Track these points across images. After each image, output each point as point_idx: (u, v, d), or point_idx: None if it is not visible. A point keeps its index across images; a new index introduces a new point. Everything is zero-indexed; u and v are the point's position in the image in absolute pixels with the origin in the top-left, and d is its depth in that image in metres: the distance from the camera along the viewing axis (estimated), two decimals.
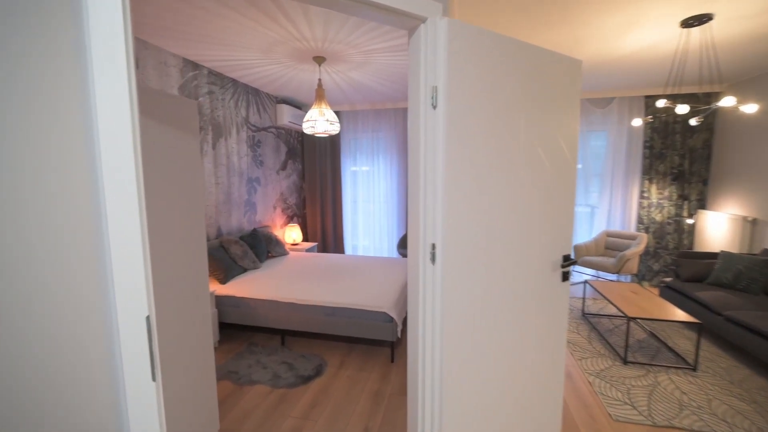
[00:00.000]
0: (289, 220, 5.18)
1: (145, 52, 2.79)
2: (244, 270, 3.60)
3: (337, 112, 5.34)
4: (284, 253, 4.31)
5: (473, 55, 1.40)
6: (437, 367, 1.48)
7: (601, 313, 3.71)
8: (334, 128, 3.36)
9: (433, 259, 1.44)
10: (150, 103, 1.54)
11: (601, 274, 4.87)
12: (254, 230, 4.08)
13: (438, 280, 1.44)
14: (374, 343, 3.10)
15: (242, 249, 3.64)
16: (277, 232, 4.84)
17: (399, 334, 2.76)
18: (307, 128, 3.30)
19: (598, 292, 3.27)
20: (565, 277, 1.78)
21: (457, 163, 1.44)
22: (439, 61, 1.35)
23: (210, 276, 3.30)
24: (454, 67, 1.36)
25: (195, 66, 3.32)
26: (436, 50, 1.36)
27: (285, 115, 4.69)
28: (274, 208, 4.76)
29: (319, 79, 3.23)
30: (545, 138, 1.63)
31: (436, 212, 1.44)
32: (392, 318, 2.73)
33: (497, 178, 1.53)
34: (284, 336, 3.12)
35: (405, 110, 5.15)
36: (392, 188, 5.35)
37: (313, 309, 2.87)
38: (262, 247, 3.99)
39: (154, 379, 0.77)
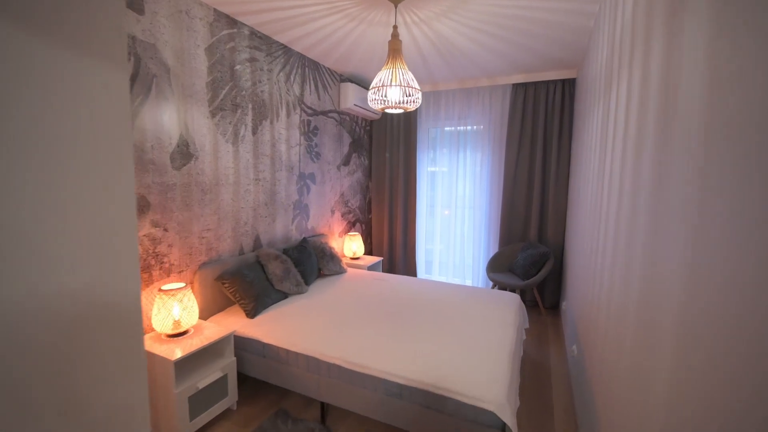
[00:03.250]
0: (350, 227, 4.23)
1: None
2: (284, 296, 2.69)
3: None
4: (340, 271, 3.34)
5: None
6: None
7: None
8: (414, 100, 2.27)
9: None
10: None
11: None
12: (304, 241, 3.18)
13: None
14: None
15: (284, 267, 2.73)
16: (335, 243, 3.91)
17: None
18: (375, 101, 2.25)
19: None
20: None
21: None
22: None
23: (237, 304, 2.42)
24: None
25: (232, 22, 2.49)
26: None
27: (350, 97, 3.73)
28: (332, 212, 3.84)
29: (395, 26, 2.16)
30: None
31: None
32: (503, 424, 1.54)
33: None
34: (326, 408, 2.11)
35: (505, 88, 3.87)
36: (482, 192, 4.09)
37: (369, 380, 1.81)
38: (311, 263, 3.07)
39: None
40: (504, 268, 3.81)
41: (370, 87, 2.24)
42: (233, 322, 2.31)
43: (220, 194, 2.48)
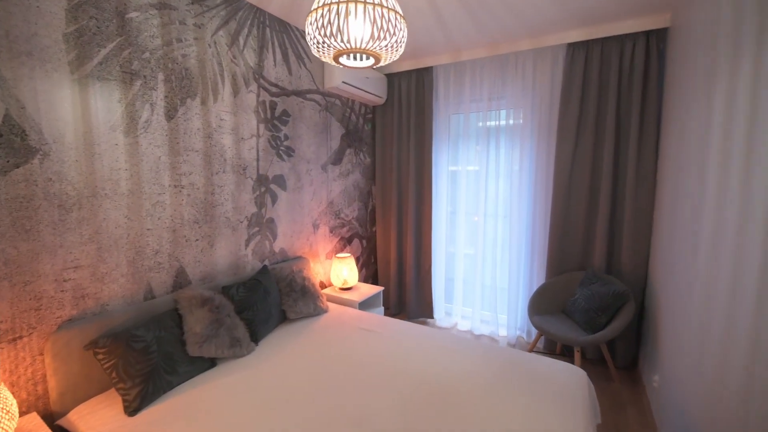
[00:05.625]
0: (345, 245, 3.25)
1: None
2: (210, 365, 1.77)
3: (425, 70, 3.20)
4: (315, 312, 2.38)
5: None
6: None
7: None
8: (394, 43, 1.24)
9: None
10: None
11: None
12: (262, 270, 2.25)
13: None
14: None
15: (213, 317, 1.81)
16: (320, 268, 2.95)
17: None
18: (316, 41, 1.24)
19: None
20: None
21: None
22: None
23: (116, 388, 1.51)
24: None
25: None
26: None
27: (338, 72, 2.76)
28: (315, 226, 2.88)
29: None
30: None
31: None
32: None
33: None
34: None
35: (556, 52, 2.72)
36: (523, 199, 2.96)
37: None
38: (267, 304, 2.13)
39: None
40: (554, 308, 2.66)
41: (311, 9, 1.25)
42: (101, 421, 1.41)
43: (100, 211, 1.60)
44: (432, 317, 3.39)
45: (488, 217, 3.14)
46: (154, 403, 1.51)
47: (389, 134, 3.49)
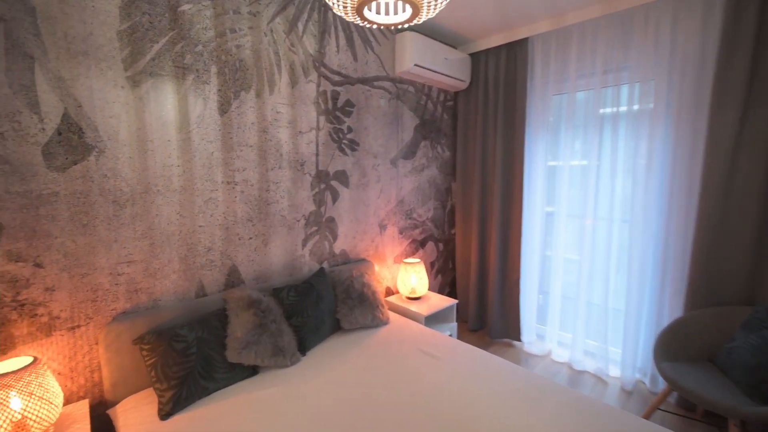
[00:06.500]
0: (417, 248, 2.94)
1: None
2: (250, 373, 1.66)
3: (518, 44, 2.65)
4: (373, 323, 2.13)
5: None
6: None
7: None
8: None
9: None
10: None
11: None
12: (319, 273, 2.10)
13: None
14: None
15: (257, 322, 1.70)
16: (387, 272, 2.70)
17: None
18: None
19: None
20: None
21: None
22: None
23: (153, 387, 1.49)
24: None
25: None
26: None
27: (410, 54, 2.45)
28: (382, 227, 2.64)
29: None
30: None
31: None
32: None
33: None
34: None
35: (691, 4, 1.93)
36: (651, 202, 2.22)
37: None
38: (320, 311, 1.96)
39: None
40: (697, 353, 1.91)
41: None
42: (139, 420, 1.39)
43: (153, 207, 1.61)
44: (519, 339, 2.84)
45: (599, 221, 2.46)
46: (186, 410, 1.44)
47: (473, 123, 3.04)
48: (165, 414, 1.40)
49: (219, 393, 1.54)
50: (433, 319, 2.57)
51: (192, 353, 1.52)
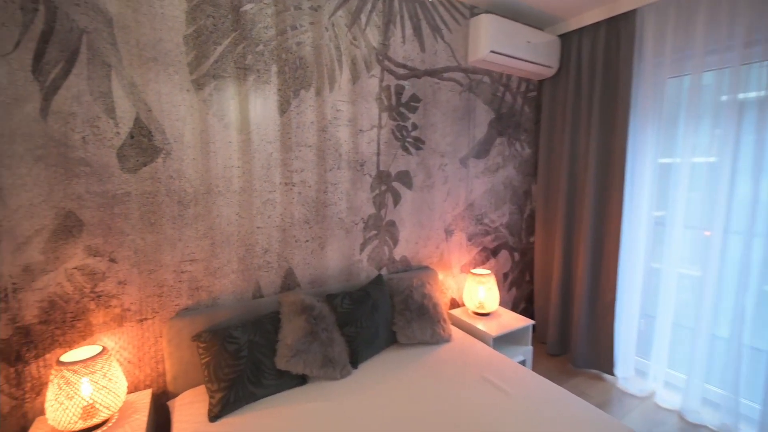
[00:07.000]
0: (489, 257, 2.64)
1: None
2: (299, 382, 1.60)
3: (622, 18, 2.18)
4: (433, 340, 1.93)
5: None
6: None
7: None
8: None
9: None
10: None
11: None
12: (376, 280, 1.98)
13: None
14: None
15: (308, 328, 1.64)
16: (451, 282, 2.47)
17: None
18: None
19: None
20: None
21: None
22: None
23: (205, 386, 1.50)
24: None
25: None
26: None
27: (485, 39, 2.18)
28: (449, 233, 2.41)
29: None
30: None
31: None
32: None
33: None
34: None
35: None
36: None
37: None
38: (377, 319, 1.83)
39: None
40: None
41: None
42: (192, 417, 1.41)
43: (214, 208, 1.63)
44: (611, 373, 2.37)
45: (730, 234, 1.91)
46: (234, 413, 1.43)
47: (560, 116, 2.62)
48: (214, 416, 1.40)
49: (266, 400, 1.51)
50: (503, 340, 2.27)
51: (243, 356, 1.51)
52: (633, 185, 2.29)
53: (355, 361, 1.74)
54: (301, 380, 1.61)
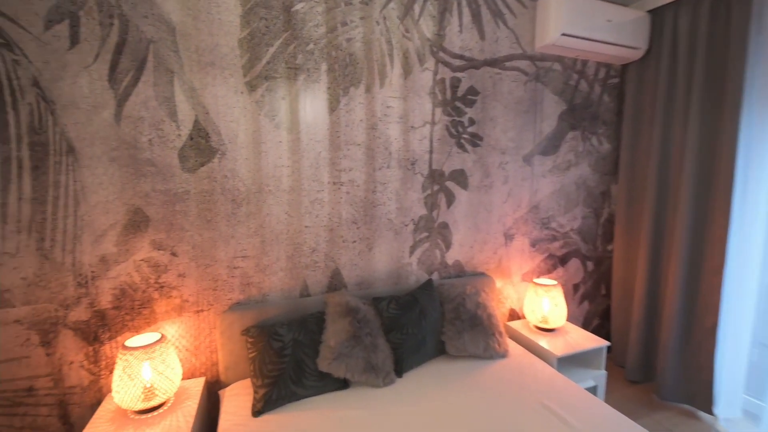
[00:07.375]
0: (556, 265, 2.36)
1: None
2: (341, 385, 1.57)
3: None
4: (486, 355, 1.77)
5: None
6: None
7: None
8: None
9: None
10: None
11: None
12: (426, 285, 1.87)
13: None
14: None
15: (351, 332, 1.60)
16: (510, 292, 2.25)
17: None
18: None
19: None
20: None
21: None
22: None
23: (251, 380, 1.54)
24: None
25: None
26: None
27: (559, 21, 1.95)
28: (509, 237, 2.20)
29: None
30: None
31: None
32: None
33: None
34: None
35: None
36: None
37: None
38: (425, 327, 1.73)
39: None
40: None
41: None
42: (237, 409, 1.46)
43: (264, 206, 1.67)
44: (710, 411, 1.97)
45: None
46: (275, 411, 1.44)
47: (649, 105, 2.25)
48: (257, 411, 1.42)
49: (307, 401, 1.49)
50: (570, 362, 2.01)
51: (287, 354, 1.52)
52: (746, 188, 1.87)
53: (399, 370, 1.65)
54: (343, 384, 1.58)
